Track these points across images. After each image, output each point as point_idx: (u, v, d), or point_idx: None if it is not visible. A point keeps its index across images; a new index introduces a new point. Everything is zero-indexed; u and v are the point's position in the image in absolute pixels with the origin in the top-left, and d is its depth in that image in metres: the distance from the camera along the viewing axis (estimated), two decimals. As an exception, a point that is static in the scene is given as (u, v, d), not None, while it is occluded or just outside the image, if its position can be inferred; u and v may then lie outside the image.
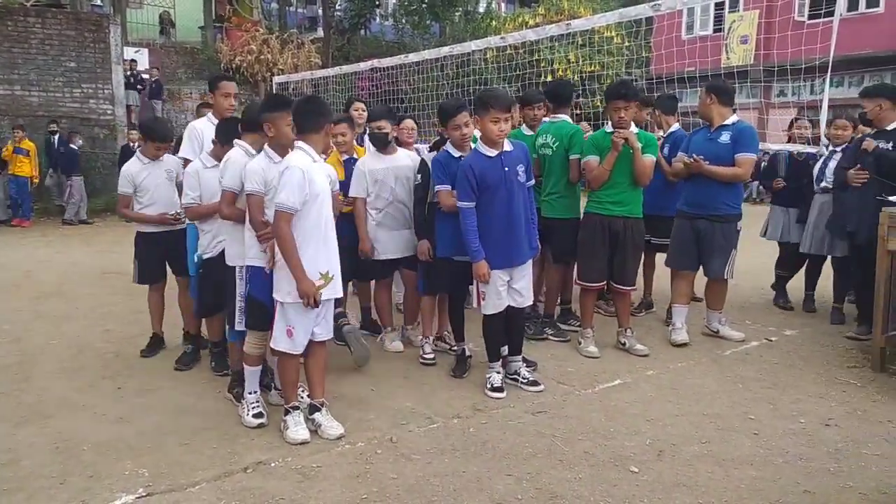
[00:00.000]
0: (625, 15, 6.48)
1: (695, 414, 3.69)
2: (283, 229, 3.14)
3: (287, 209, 3.12)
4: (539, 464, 3.10)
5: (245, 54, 16.97)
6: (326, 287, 3.26)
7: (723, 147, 4.71)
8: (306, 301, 3.16)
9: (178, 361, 4.38)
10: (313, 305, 3.19)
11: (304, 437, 3.27)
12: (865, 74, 15.97)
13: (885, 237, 4.19)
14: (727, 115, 4.81)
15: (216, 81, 4.43)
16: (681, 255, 4.95)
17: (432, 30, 20.82)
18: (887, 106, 4.84)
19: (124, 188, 4.55)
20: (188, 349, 4.46)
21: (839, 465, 3.10)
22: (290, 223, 3.14)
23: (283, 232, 3.14)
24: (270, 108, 3.42)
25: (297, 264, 3.15)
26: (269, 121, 3.37)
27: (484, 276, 3.81)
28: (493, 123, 3.75)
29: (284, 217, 3.13)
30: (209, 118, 4.46)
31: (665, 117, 5.70)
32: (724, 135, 4.75)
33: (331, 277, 3.24)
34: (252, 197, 3.35)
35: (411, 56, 10.14)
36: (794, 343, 4.98)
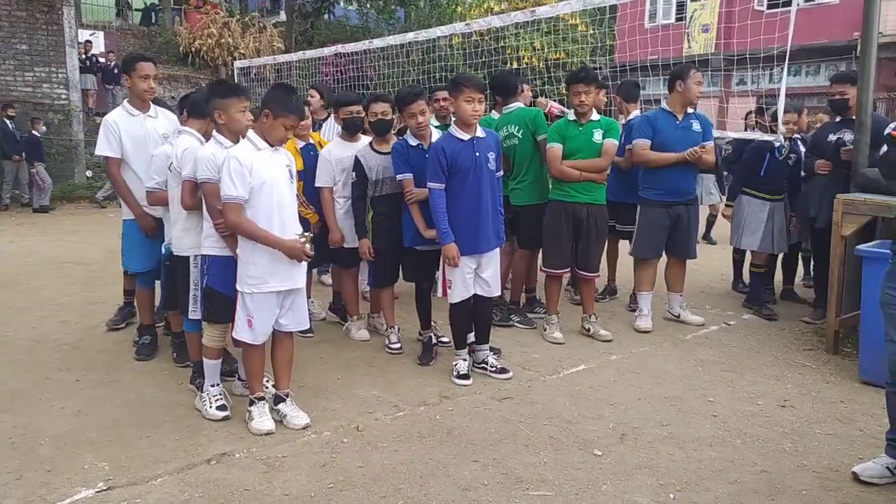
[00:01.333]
0: (589, 3, 6.51)
1: (656, 397, 3.76)
2: (232, 219, 3.13)
3: (231, 200, 3.11)
4: (505, 449, 3.13)
5: (205, 38, 16.61)
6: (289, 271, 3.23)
7: (697, 136, 4.84)
8: (300, 259, 3.19)
9: (139, 352, 4.29)
10: (307, 257, 3.20)
11: (269, 428, 3.24)
12: (822, 64, 16.35)
13: (839, 223, 4.31)
14: None
15: (132, 62, 4.18)
16: (652, 244, 5.01)
17: (397, 15, 20.62)
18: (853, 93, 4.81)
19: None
20: (146, 339, 4.35)
21: (794, 444, 3.20)
22: (239, 213, 3.12)
23: (235, 221, 3.13)
24: (221, 95, 3.35)
25: (266, 236, 3.14)
26: (219, 108, 3.32)
27: (454, 258, 3.82)
28: (467, 103, 3.77)
29: (231, 208, 3.12)
30: (125, 108, 4.30)
31: (626, 104, 5.74)
32: (695, 123, 4.87)
33: (308, 236, 3.22)
34: (207, 185, 3.29)
35: (376, 42, 10.02)
36: (752, 327, 5.11)
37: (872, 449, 3.06)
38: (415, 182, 4.13)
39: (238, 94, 3.34)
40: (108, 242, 5.65)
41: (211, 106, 3.35)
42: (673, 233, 4.96)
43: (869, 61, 4.58)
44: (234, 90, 3.40)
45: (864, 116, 4.59)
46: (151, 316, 4.45)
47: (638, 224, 5.06)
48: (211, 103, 3.36)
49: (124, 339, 4.69)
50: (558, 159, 4.59)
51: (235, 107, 3.30)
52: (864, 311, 3.97)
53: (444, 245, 3.83)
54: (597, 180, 4.60)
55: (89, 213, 12.11)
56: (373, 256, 4.39)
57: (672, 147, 4.81)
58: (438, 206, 3.82)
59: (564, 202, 4.64)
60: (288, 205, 3.25)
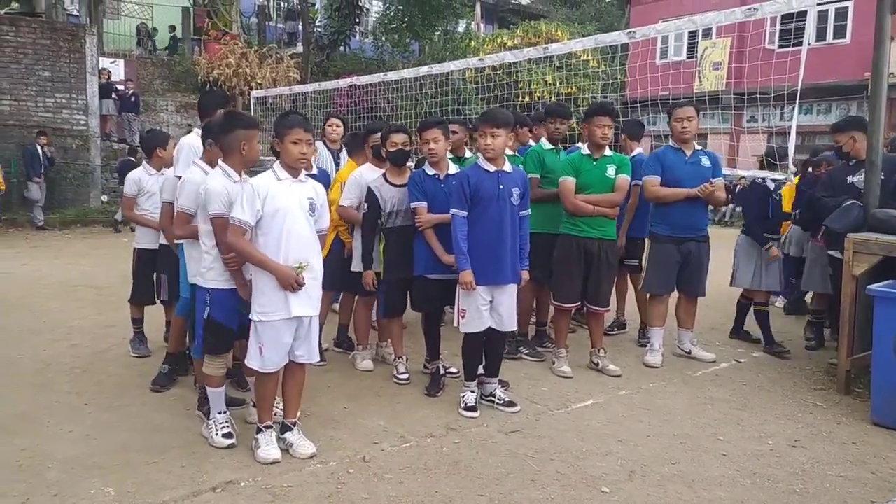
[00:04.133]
0: (600, 41, 6.62)
1: (665, 434, 3.73)
2: (231, 239, 3.19)
3: (237, 222, 3.17)
4: (511, 484, 3.10)
5: (223, 67, 16.93)
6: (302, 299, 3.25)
7: (707, 171, 4.86)
8: (291, 287, 3.17)
9: (155, 382, 4.24)
10: (298, 287, 3.18)
11: (276, 457, 3.23)
12: (833, 103, 16.46)
13: (850, 262, 4.30)
14: None
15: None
16: (664, 279, 4.99)
17: (412, 48, 20.99)
18: (860, 137, 4.92)
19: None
20: (164, 369, 4.29)
21: (805, 486, 3.15)
22: (239, 235, 3.17)
23: (233, 241, 3.18)
24: (247, 126, 3.42)
25: (262, 260, 3.18)
26: (246, 139, 3.38)
27: (469, 284, 3.83)
28: (480, 137, 3.90)
29: (234, 230, 3.18)
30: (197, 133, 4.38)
31: (630, 142, 5.78)
32: (704, 159, 4.89)
33: (306, 265, 3.22)
34: (218, 220, 3.32)
35: (390, 74, 10.20)
36: (763, 365, 5.07)
37: (884, 492, 3.02)
38: (428, 211, 4.18)
39: (256, 126, 3.43)
40: (121, 266, 5.70)
41: (237, 137, 3.40)
42: (683, 269, 4.96)
43: (879, 103, 4.62)
44: (253, 122, 3.47)
45: (874, 156, 4.61)
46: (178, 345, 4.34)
47: (649, 260, 5.06)
48: (237, 134, 3.40)
49: (134, 363, 4.71)
50: (572, 192, 4.62)
51: (256, 138, 3.36)
52: (876, 352, 3.93)
53: (462, 271, 3.84)
54: (609, 215, 4.63)
55: (103, 237, 12.24)
56: (374, 287, 4.43)
57: (682, 183, 4.84)
58: (459, 232, 3.87)
59: (576, 237, 4.66)
60: (302, 235, 3.27)
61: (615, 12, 24.49)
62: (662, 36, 15.59)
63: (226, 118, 3.55)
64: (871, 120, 4.71)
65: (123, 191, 4.93)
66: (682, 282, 5.02)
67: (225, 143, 3.44)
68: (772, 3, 5.22)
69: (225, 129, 3.44)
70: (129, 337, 5.02)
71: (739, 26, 13.83)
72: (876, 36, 4.60)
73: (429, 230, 4.17)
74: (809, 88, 12.06)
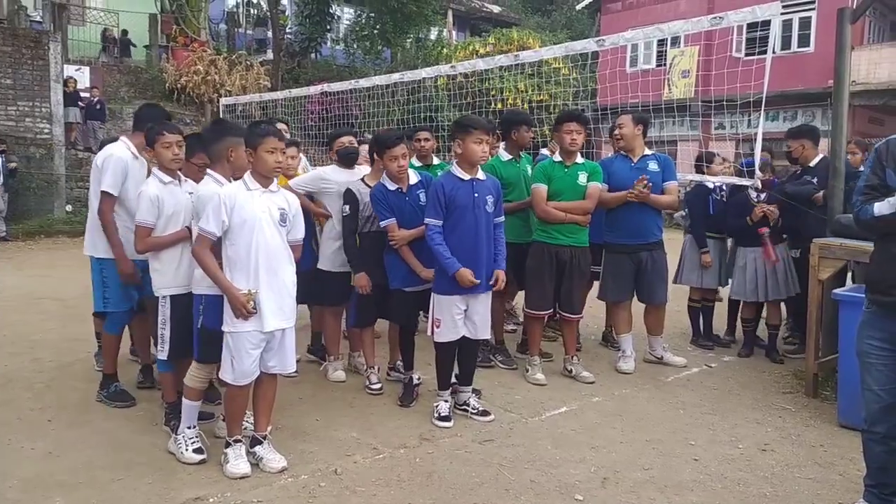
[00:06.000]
0: (571, 48, 6.67)
1: (638, 440, 3.74)
2: (196, 249, 3.18)
3: (203, 232, 3.15)
4: (485, 494, 3.09)
5: (191, 74, 16.72)
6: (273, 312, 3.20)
7: (655, 176, 4.87)
8: (238, 313, 3.12)
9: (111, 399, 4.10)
10: (245, 316, 3.12)
11: (245, 471, 3.17)
12: (798, 110, 16.81)
13: (816, 267, 4.38)
14: (644, 146, 5.01)
15: None
16: (618, 287, 5.01)
17: (384, 55, 20.96)
18: (809, 146, 5.24)
19: None
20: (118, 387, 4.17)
21: (774, 489, 3.19)
22: (204, 246, 3.15)
23: (198, 251, 3.16)
24: (237, 133, 3.41)
25: (220, 278, 3.14)
26: (233, 146, 3.36)
27: (469, 281, 3.80)
28: (476, 144, 3.85)
29: (199, 238, 3.17)
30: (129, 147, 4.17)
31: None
32: (652, 163, 4.92)
33: (255, 292, 3.14)
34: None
35: (362, 81, 10.16)
36: (733, 369, 5.13)
37: (852, 494, 3.06)
38: (398, 225, 4.14)
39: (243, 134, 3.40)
40: (86, 277, 5.52)
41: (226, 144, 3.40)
42: (640, 277, 4.95)
43: (841, 111, 4.72)
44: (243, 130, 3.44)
45: (837, 162, 4.72)
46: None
47: (604, 268, 5.08)
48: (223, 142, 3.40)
49: (99, 378, 4.58)
50: (544, 200, 4.63)
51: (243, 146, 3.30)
52: (842, 355, 4.00)
53: (456, 273, 3.79)
54: (581, 223, 4.65)
55: (68, 249, 11.95)
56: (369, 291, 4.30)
57: (626, 188, 4.81)
58: (437, 240, 3.83)
59: (548, 244, 4.67)
60: (272, 246, 3.23)
61: (586, 20, 24.75)
62: (632, 44, 15.81)
63: (215, 126, 3.56)
64: (833, 127, 4.82)
65: None
66: (641, 290, 5.03)
67: (213, 151, 3.44)
68: (737, 12, 5.30)
69: (214, 137, 3.45)
70: (94, 351, 4.90)
71: (706, 35, 14.06)
72: (837, 45, 4.71)
73: (405, 247, 4.13)
74: (775, 96, 12.32)
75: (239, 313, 3.12)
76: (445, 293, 3.90)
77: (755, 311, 5.48)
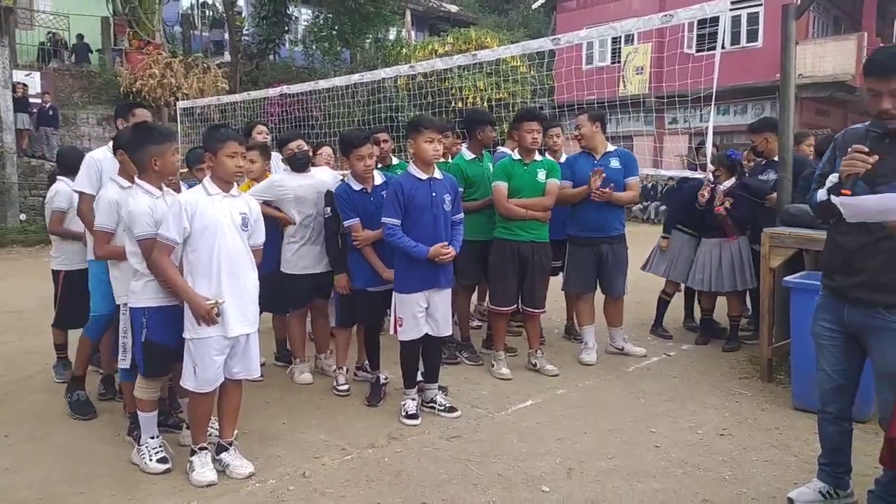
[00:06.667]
0: (527, 47, 6.76)
1: (602, 430, 3.83)
2: (155, 257, 3.12)
3: (163, 239, 3.11)
4: (454, 489, 3.12)
5: (146, 78, 16.38)
6: (237, 317, 3.18)
7: (617, 172, 4.98)
8: (202, 322, 3.09)
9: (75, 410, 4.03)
10: (209, 323, 3.10)
11: (211, 479, 3.15)
12: (748, 103, 17.27)
13: (767, 256, 4.53)
14: (606, 142, 5.11)
15: (129, 109, 4.18)
16: (581, 279, 5.12)
17: (343, 56, 20.84)
18: (773, 138, 5.27)
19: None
20: (81, 396, 4.09)
21: (733, 472, 3.30)
22: (163, 253, 3.11)
23: (157, 259, 3.11)
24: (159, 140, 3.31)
25: (182, 286, 3.11)
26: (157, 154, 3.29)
27: (447, 254, 3.85)
28: (428, 143, 3.86)
29: (158, 247, 3.12)
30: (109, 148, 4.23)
31: None
32: (613, 160, 5.03)
33: (221, 302, 3.12)
34: (145, 241, 3.22)
35: (322, 83, 10.11)
36: (691, 357, 5.27)
37: (806, 474, 3.17)
38: (362, 225, 4.15)
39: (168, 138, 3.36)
40: (42, 288, 5.43)
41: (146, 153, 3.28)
42: (601, 270, 5.07)
43: (788, 104, 4.87)
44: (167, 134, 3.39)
45: (785, 154, 4.87)
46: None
47: (567, 261, 5.19)
48: (144, 150, 3.28)
49: (58, 390, 4.49)
50: (504, 197, 4.69)
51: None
52: (794, 340, 4.15)
53: (427, 256, 3.81)
54: (541, 219, 4.72)
55: (23, 259, 11.63)
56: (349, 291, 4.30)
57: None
58: (397, 235, 3.85)
59: (510, 241, 4.73)
60: (234, 251, 3.21)
61: (542, 19, 25.00)
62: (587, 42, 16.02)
63: (135, 133, 3.42)
64: (780, 119, 4.97)
65: (51, 205, 4.62)
66: (602, 283, 5.15)
67: (137, 160, 3.33)
68: (686, 9, 5.45)
69: (135, 146, 3.33)
70: (52, 363, 4.79)
71: (658, 32, 14.35)
72: (782, 41, 4.86)
73: (368, 248, 4.15)
74: (726, 90, 12.65)
75: (202, 322, 3.09)
76: (406, 292, 3.92)
77: (712, 301, 5.63)
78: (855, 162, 2.55)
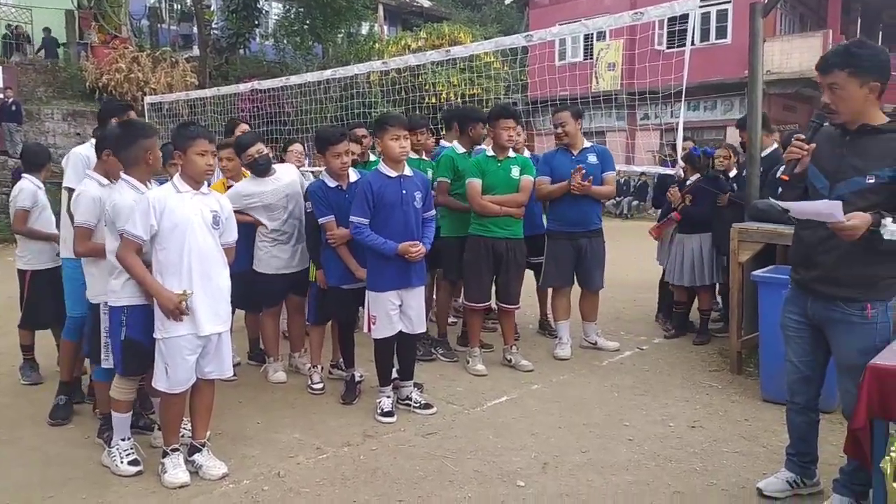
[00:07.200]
0: (500, 44, 6.77)
1: (576, 424, 3.87)
2: (121, 253, 3.09)
3: (129, 236, 3.07)
4: (429, 486, 3.13)
5: (113, 73, 16.07)
6: (208, 316, 3.14)
7: (595, 167, 5.03)
8: (170, 315, 3.05)
9: (52, 415, 3.93)
10: (179, 317, 3.06)
11: (184, 480, 3.11)
12: (717, 99, 17.53)
13: (736, 251, 4.61)
14: (583, 139, 5.18)
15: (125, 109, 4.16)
16: (560, 274, 5.17)
17: (315, 51, 20.66)
18: (765, 134, 5.33)
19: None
20: (61, 400, 3.99)
21: (704, 464, 3.36)
22: (130, 249, 3.07)
23: (122, 255, 3.08)
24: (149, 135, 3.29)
25: (149, 282, 3.07)
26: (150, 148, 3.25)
27: (415, 251, 3.83)
28: (394, 141, 3.85)
29: (125, 243, 3.08)
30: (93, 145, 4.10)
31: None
32: (591, 156, 5.08)
33: (189, 293, 3.08)
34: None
35: (293, 78, 10.02)
36: (663, 351, 5.35)
37: (775, 464, 3.24)
38: (337, 223, 4.13)
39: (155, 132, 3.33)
40: (8, 288, 5.30)
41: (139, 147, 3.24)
42: (579, 264, 5.13)
43: (755, 100, 4.96)
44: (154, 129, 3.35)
45: (753, 150, 4.96)
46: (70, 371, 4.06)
47: (546, 256, 5.22)
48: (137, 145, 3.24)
49: (26, 392, 4.41)
50: (479, 194, 4.70)
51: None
52: (763, 333, 4.23)
53: (397, 251, 3.80)
54: (515, 215, 4.75)
55: (-15, 258, 11.34)
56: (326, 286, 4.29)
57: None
58: (364, 234, 3.83)
59: (484, 237, 4.75)
60: (205, 250, 3.17)
61: (515, 14, 25.08)
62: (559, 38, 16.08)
63: (125, 129, 3.38)
64: (748, 115, 5.06)
65: (15, 204, 4.49)
66: (579, 277, 5.20)
67: (128, 156, 3.27)
68: (657, 7, 5.51)
69: (127, 141, 3.28)
70: (18, 364, 4.69)
71: (630, 29, 14.49)
72: (750, 38, 4.95)
73: (343, 247, 4.13)
74: (695, 86, 12.81)
75: (171, 315, 3.05)
76: (379, 290, 3.92)
77: (686, 295, 5.72)
78: (793, 149, 2.72)
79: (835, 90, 2.60)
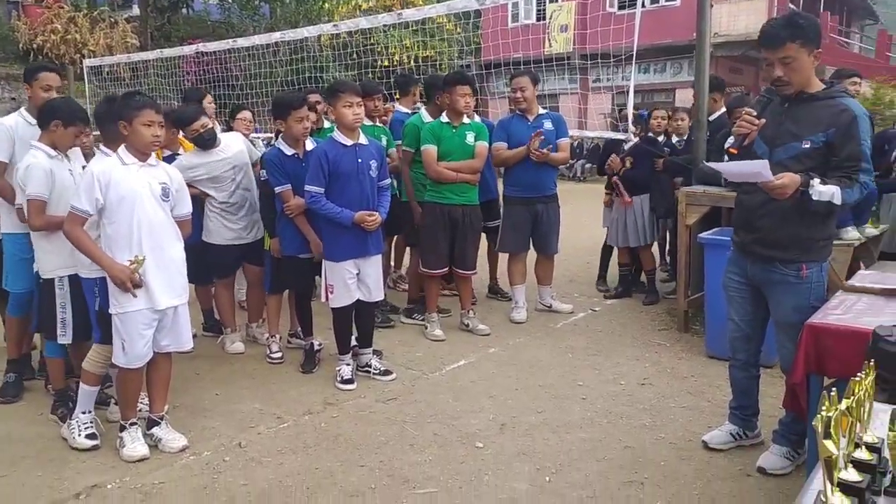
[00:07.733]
0: (452, 7, 6.68)
1: (532, 386, 3.98)
2: (66, 228, 3.03)
3: (75, 210, 3.00)
4: (391, 451, 3.20)
5: (48, 34, 15.27)
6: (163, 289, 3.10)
7: (550, 133, 5.07)
8: (123, 287, 2.99)
9: (2, 393, 3.83)
10: (132, 289, 3.01)
11: (143, 454, 3.10)
12: (667, 62, 17.72)
13: (684, 213, 4.74)
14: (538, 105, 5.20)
15: (35, 72, 3.89)
16: (517, 239, 5.23)
17: (262, 11, 20.00)
18: (718, 97, 5.47)
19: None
20: (10, 378, 3.89)
21: (653, 419, 3.51)
22: (75, 223, 3.01)
23: (68, 229, 3.02)
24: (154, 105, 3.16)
25: (98, 255, 3.02)
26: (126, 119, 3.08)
27: (371, 220, 3.83)
28: (347, 108, 3.80)
29: (70, 217, 3.02)
30: (22, 114, 3.89)
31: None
32: (547, 122, 5.11)
33: (142, 259, 3.03)
34: None
35: (241, 41, 9.71)
36: (615, 312, 5.51)
37: (719, 418, 3.41)
38: (294, 193, 4.08)
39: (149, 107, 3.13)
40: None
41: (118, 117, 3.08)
42: (535, 229, 5.20)
43: (703, 65, 5.05)
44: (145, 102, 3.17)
45: (700, 116, 5.07)
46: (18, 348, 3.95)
47: (503, 221, 5.28)
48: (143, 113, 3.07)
49: None
50: (434, 160, 4.70)
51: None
52: (708, 293, 4.40)
53: (353, 220, 3.80)
54: (471, 181, 4.77)
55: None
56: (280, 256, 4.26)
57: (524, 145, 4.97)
58: (321, 203, 3.81)
59: (440, 204, 4.77)
60: (156, 222, 3.11)
61: (467, -26, 24.68)
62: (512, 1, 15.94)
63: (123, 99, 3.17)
64: (696, 79, 5.15)
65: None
66: (536, 241, 5.28)
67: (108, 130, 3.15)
68: (607, -31, 5.51)
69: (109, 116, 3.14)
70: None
71: (583, -10, 14.50)
72: (698, 2, 5.01)
73: (300, 217, 4.08)
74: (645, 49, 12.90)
75: (124, 286, 2.99)
76: (336, 259, 3.91)
77: (629, 256, 5.88)
78: (743, 123, 2.77)
79: (788, 63, 2.65)
